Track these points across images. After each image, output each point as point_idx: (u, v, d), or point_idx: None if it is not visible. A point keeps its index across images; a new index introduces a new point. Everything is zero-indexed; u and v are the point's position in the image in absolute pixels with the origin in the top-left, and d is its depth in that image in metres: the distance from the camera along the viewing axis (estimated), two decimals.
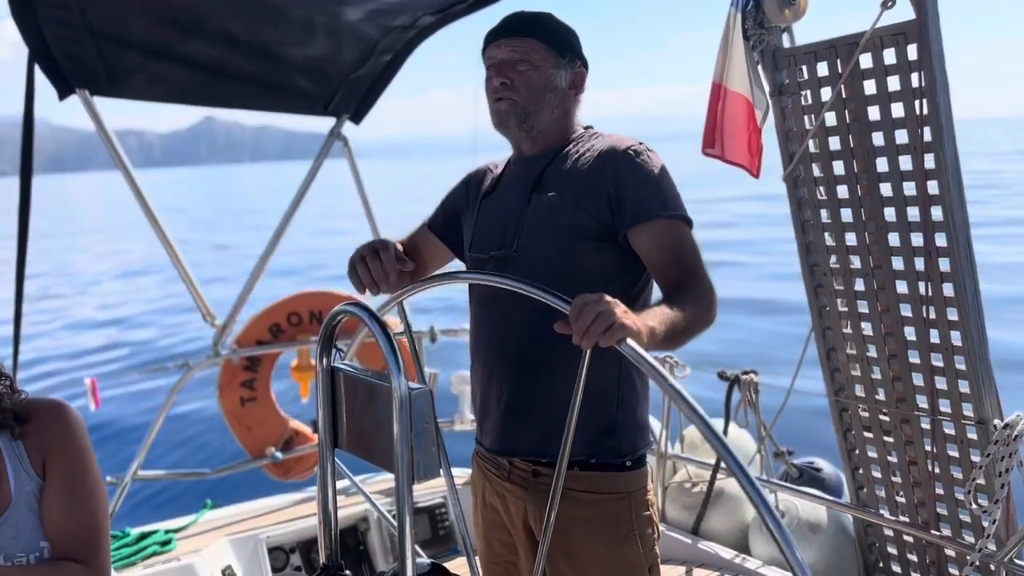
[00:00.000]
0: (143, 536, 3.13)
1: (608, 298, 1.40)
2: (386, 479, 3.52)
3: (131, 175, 3.23)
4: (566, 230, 1.76)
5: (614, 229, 1.75)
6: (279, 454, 3.96)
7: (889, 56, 2.09)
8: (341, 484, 1.79)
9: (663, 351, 1.86)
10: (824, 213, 2.42)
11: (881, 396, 2.46)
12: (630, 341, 1.36)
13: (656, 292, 1.80)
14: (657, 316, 1.54)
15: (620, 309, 1.39)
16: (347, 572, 1.67)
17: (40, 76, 2.78)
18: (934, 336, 2.24)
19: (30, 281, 2.74)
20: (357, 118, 3.69)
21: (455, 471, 1.82)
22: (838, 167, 2.32)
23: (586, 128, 1.93)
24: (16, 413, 1.65)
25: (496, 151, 2.09)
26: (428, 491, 3.40)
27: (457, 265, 2.10)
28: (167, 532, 3.19)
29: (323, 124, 3.72)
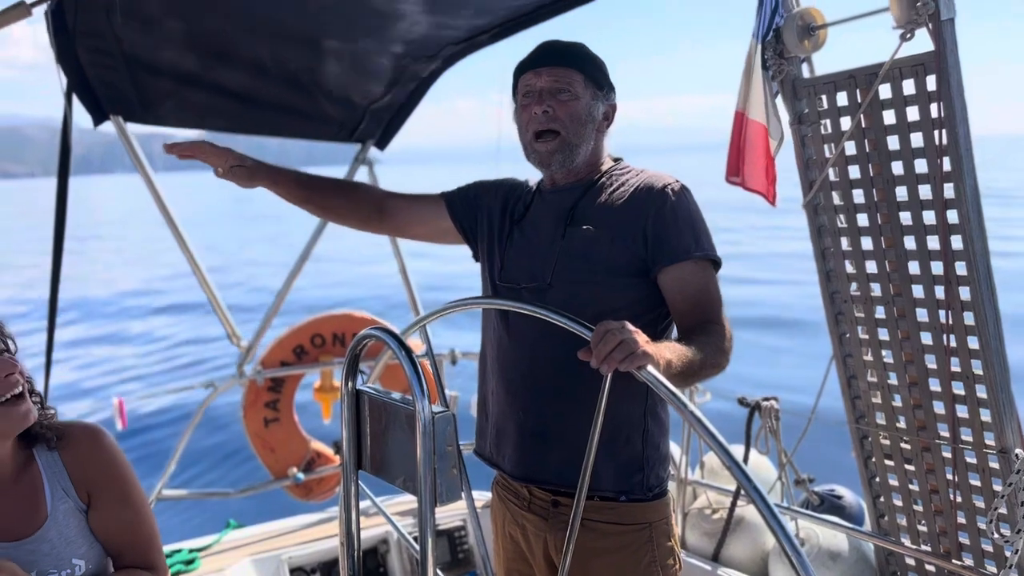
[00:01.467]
0: (167, 555, 3.17)
1: (629, 326, 1.42)
2: (406, 500, 3.54)
3: (163, 202, 3.32)
4: (602, 264, 1.78)
5: (648, 265, 1.77)
6: (301, 475, 4.00)
7: (908, 87, 2.11)
8: (362, 505, 1.82)
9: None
10: (844, 241, 2.43)
11: (902, 424, 2.46)
12: (650, 368, 1.38)
13: None
14: (675, 351, 1.56)
15: (641, 338, 1.41)
16: None
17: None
18: (955, 364, 2.23)
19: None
20: (382, 144, 3.76)
21: (475, 493, 1.84)
22: (858, 195, 2.34)
23: (615, 160, 1.95)
24: (51, 429, 1.72)
25: (520, 160, 2.10)
26: (448, 514, 3.42)
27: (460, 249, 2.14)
28: (191, 551, 3.23)
29: None
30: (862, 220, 2.36)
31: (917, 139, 2.13)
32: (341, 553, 1.75)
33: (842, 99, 2.28)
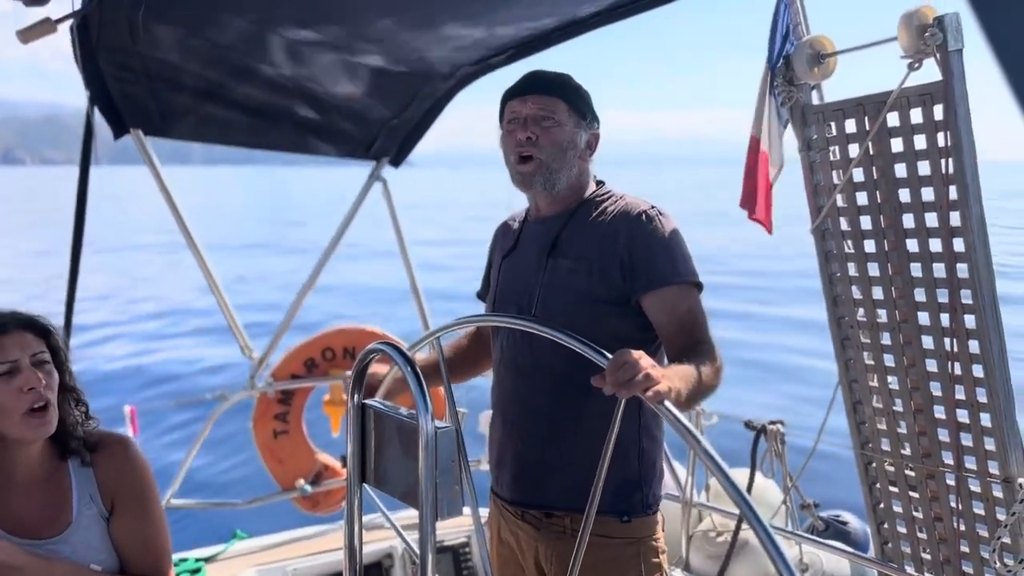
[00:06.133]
0: (175, 564, 3.19)
1: (646, 356, 1.42)
2: (410, 515, 3.55)
3: (181, 217, 3.37)
4: (582, 296, 1.81)
5: (627, 294, 1.79)
6: (308, 487, 4.02)
7: (916, 115, 2.13)
8: (367, 519, 1.84)
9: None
10: (852, 266, 2.45)
11: (907, 451, 2.46)
12: (667, 403, 1.39)
13: None
14: (684, 378, 1.57)
15: (658, 371, 1.41)
16: None
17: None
18: (960, 392, 2.24)
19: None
20: (396, 161, 3.81)
21: (481, 510, 1.86)
22: (865, 222, 2.35)
23: (599, 183, 1.98)
24: (87, 441, 1.78)
25: None
26: (453, 530, 3.42)
27: None
28: (197, 560, 3.26)
29: None
30: (869, 246, 2.37)
31: (924, 167, 2.15)
32: (344, 566, 1.78)
33: (851, 126, 2.30)
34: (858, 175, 2.33)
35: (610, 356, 1.43)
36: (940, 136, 2.08)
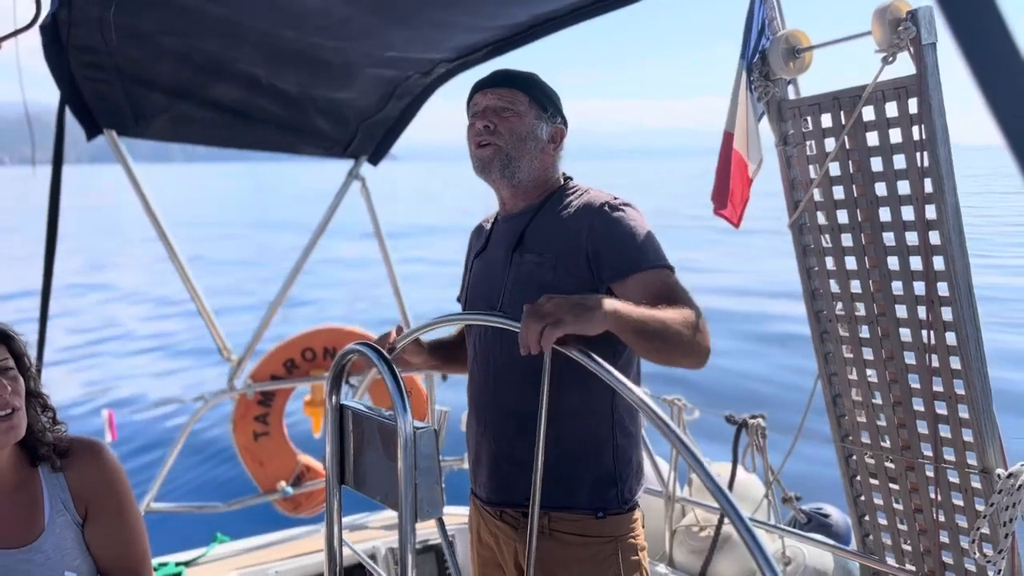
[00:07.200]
0: (154, 568, 3.17)
1: (554, 297, 1.47)
2: (393, 514, 3.54)
3: (157, 219, 3.33)
4: (548, 289, 1.76)
5: (595, 285, 1.78)
6: (290, 489, 4.00)
7: (891, 109, 2.14)
8: (349, 519, 1.83)
9: (641, 352, 1.75)
10: (829, 260, 2.46)
11: (887, 443, 2.47)
12: (582, 349, 1.39)
13: None
14: (627, 305, 1.55)
15: (567, 303, 1.45)
16: None
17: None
18: (937, 384, 2.25)
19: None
20: (375, 160, 3.78)
21: (459, 508, 1.85)
22: (842, 215, 2.36)
23: (566, 179, 1.98)
24: (57, 447, 1.75)
25: None
26: (437, 529, 3.41)
27: None
28: (178, 564, 3.23)
29: None
30: (846, 240, 2.38)
31: (900, 160, 2.16)
32: (326, 568, 1.76)
33: (826, 120, 2.31)
34: (834, 169, 2.33)
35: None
36: (915, 130, 2.09)
